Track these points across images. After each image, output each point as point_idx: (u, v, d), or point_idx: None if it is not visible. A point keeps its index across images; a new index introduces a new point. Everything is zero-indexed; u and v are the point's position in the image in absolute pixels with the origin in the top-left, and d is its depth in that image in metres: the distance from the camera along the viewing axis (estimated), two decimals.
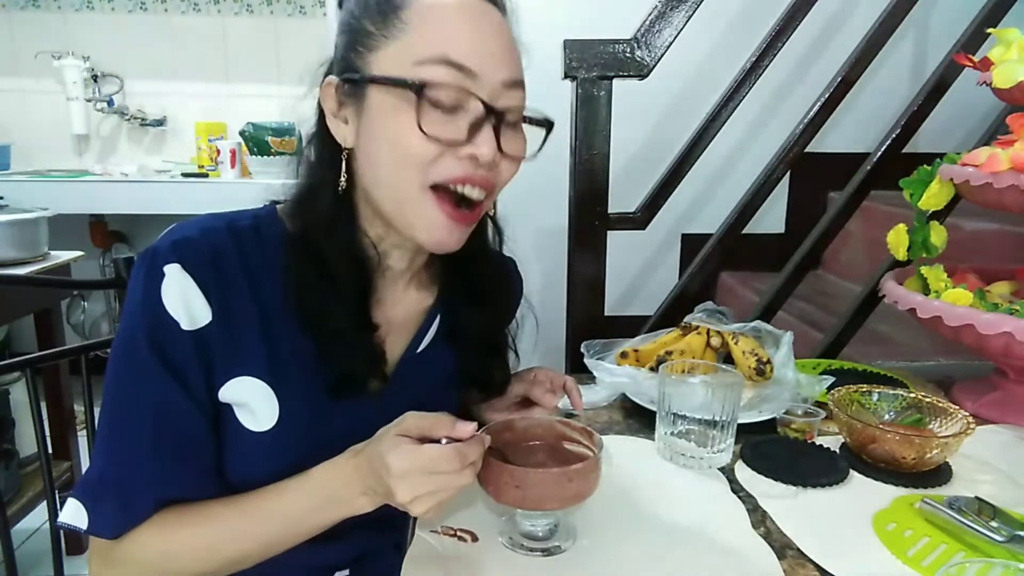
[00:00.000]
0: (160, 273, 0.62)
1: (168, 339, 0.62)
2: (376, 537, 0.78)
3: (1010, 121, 0.99)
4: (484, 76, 0.63)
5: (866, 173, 1.59)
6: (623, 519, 0.71)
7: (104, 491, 0.62)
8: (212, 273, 0.64)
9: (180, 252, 0.63)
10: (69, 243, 1.88)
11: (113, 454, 0.63)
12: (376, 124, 0.64)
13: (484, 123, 0.63)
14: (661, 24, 1.41)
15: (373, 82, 0.63)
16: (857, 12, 2.31)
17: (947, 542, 0.66)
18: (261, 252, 0.67)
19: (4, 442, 1.61)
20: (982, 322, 0.90)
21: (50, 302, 1.76)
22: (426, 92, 0.61)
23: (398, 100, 0.62)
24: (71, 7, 2.74)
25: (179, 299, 0.62)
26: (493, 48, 0.64)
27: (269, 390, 0.66)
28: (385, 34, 0.63)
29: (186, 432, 0.64)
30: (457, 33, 0.62)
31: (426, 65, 0.61)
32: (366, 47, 0.64)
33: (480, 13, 0.64)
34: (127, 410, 0.63)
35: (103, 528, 0.62)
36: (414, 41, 0.62)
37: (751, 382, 0.99)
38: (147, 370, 0.62)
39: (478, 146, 0.63)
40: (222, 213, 0.69)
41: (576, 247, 1.46)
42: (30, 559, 1.76)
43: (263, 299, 0.66)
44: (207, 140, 2.66)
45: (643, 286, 2.65)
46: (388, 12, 0.63)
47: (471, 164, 0.64)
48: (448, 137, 0.62)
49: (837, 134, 2.33)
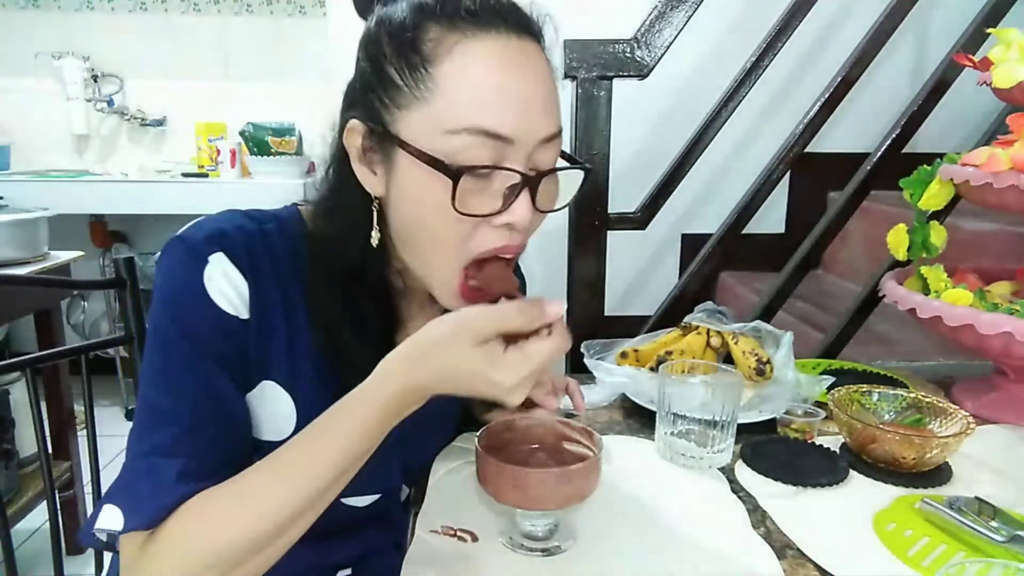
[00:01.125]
0: (203, 260, 0.60)
1: (211, 327, 0.60)
2: (377, 536, 0.78)
3: (1010, 121, 0.99)
4: (521, 140, 0.58)
5: (866, 173, 1.59)
6: (623, 519, 0.71)
7: (139, 482, 0.57)
8: (251, 269, 0.62)
9: (221, 243, 0.62)
10: (69, 243, 1.88)
11: (150, 444, 0.58)
12: (407, 191, 0.60)
13: (520, 190, 0.59)
14: (661, 24, 1.41)
15: (403, 146, 0.59)
16: (857, 12, 2.31)
17: (947, 542, 0.66)
18: (288, 257, 0.66)
19: (4, 442, 1.61)
20: (982, 322, 0.90)
21: (50, 302, 1.76)
22: (464, 172, 0.57)
23: (430, 175, 0.58)
24: (71, 7, 2.74)
25: (227, 286, 0.61)
26: (532, 104, 0.59)
27: (291, 403, 0.66)
28: (415, 94, 0.58)
29: (228, 418, 0.61)
30: (493, 97, 0.57)
31: (459, 134, 0.57)
32: (393, 102, 0.59)
33: (519, 65, 0.59)
34: (167, 399, 0.59)
35: (140, 518, 0.56)
36: (446, 107, 0.57)
37: (751, 382, 0.99)
38: (188, 358, 0.60)
39: (514, 213, 0.59)
40: (245, 212, 0.66)
41: (576, 247, 1.46)
42: (30, 559, 1.76)
43: (290, 305, 0.65)
44: (207, 140, 2.66)
45: (643, 286, 2.65)
46: (417, 66, 0.58)
47: (507, 232, 0.61)
48: (483, 211, 0.59)
49: (837, 134, 2.33)
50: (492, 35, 0.58)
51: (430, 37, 0.58)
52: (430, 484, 0.77)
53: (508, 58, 0.58)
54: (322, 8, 2.76)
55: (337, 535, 0.72)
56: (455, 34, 0.58)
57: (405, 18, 0.60)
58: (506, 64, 0.58)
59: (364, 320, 0.66)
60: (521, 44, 0.59)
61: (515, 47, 0.59)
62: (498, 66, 0.58)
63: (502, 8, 0.60)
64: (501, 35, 0.58)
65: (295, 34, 2.79)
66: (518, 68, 0.59)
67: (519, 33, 0.60)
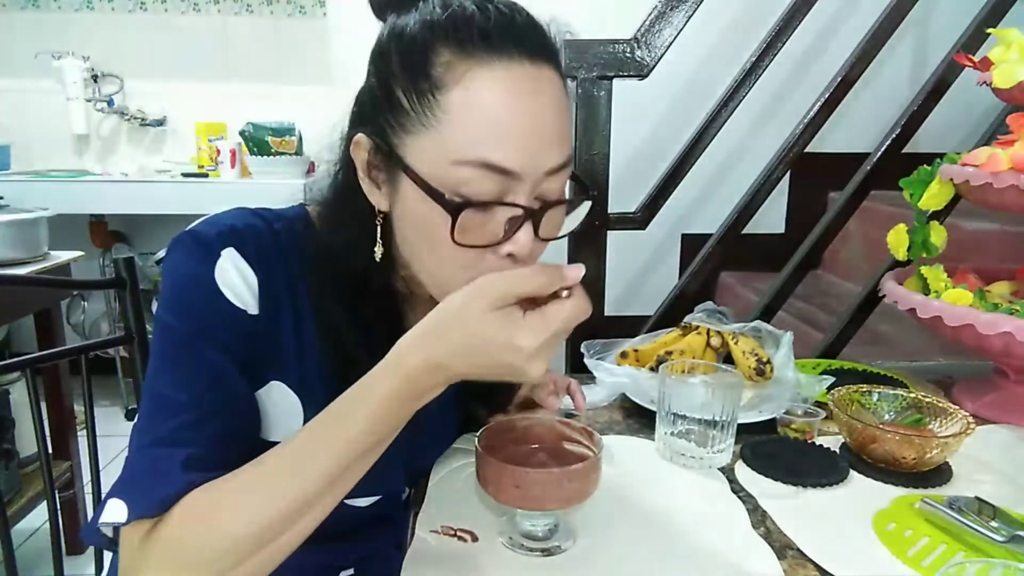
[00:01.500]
0: (215, 254, 0.60)
1: (220, 318, 0.60)
2: (378, 536, 0.78)
3: (1010, 121, 0.99)
4: (528, 174, 0.57)
5: (866, 173, 1.59)
6: (623, 519, 0.71)
7: (143, 473, 0.56)
8: (261, 266, 0.62)
9: (232, 239, 0.61)
10: (69, 243, 1.88)
11: (154, 435, 0.57)
12: (409, 214, 0.60)
13: (522, 223, 0.58)
14: (661, 24, 1.41)
15: (406, 171, 0.58)
16: (857, 12, 2.31)
17: (947, 542, 0.66)
18: (297, 257, 0.65)
19: (4, 442, 1.61)
20: (982, 322, 0.90)
21: (50, 302, 1.76)
22: (464, 208, 0.56)
23: (432, 204, 0.57)
24: (71, 7, 2.74)
25: (239, 282, 0.61)
26: (542, 137, 0.57)
27: (298, 403, 0.66)
28: (423, 121, 0.56)
29: (235, 410, 0.61)
30: (502, 131, 0.56)
31: (465, 166, 0.55)
32: (400, 126, 0.58)
33: (531, 94, 0.57)
34: (172, 392, 0.58)
35: (144, 507, 0.54)
36: (452, 137, 0.56)
37: (751, 382, 0.99)
38: (196, 351, 0.59)
39: (515, 243, 0.58)
40: (254, 210, 0.66)
41: (576, 247, 1.46)
42: (30, 559, 1.76)
43: (298, 304, 0.65)
44: (207, 140, 2.66)
45: (643, 286, 2.65)
46: (426, 92, 0.56)
47: (509, 261, 0.60)
48: (484, 242, 0.58)
49: (837, 134, 2.33)
50: (504, 62, 0.56)
51: (441, 61, 0.56)
52: (430, 484, 0.77)
53: (521, 88, 0.56)
54: (322, 8, 2.76)
55: (339, 536, 0.72)
56: (466, 61, 0.56)
57: (416, 36, 0.58)
58: (518, 94, 0.56)
59: (369, 326, 0.66)
60: (535, 70, 0.57)
61: (528, 75, 0.57)
62: (509, 97, 0.56)
63: (518, 31, 0.58)
64: (514, 62, 0.56)
65: (295, 34, 2.79)
66: (530, 98, 0.57)
67: (533, 58, 0.57)
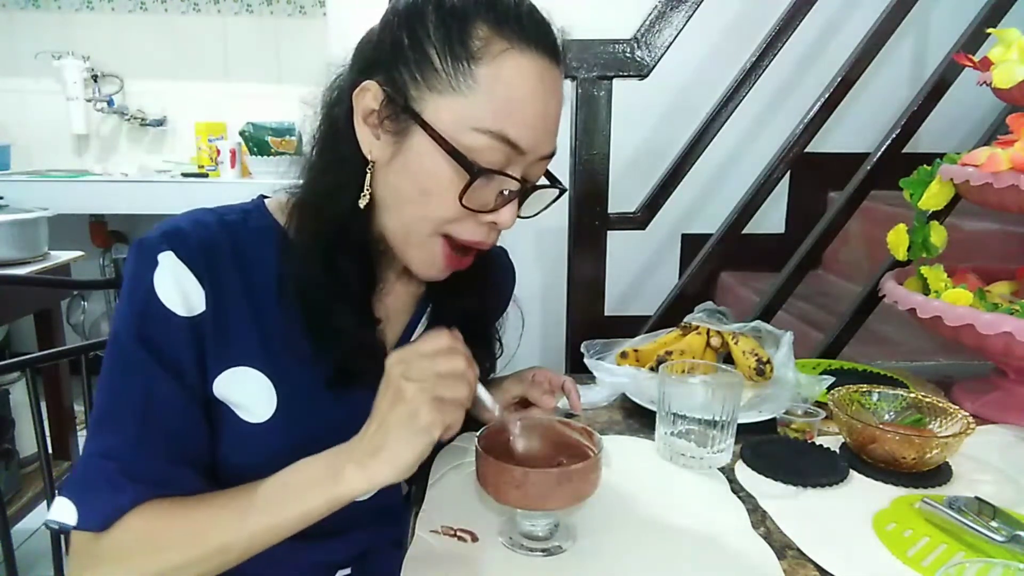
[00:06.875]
0: (153, 262, 0.62)
1: (161, 329, 0.62)
2: (377, 535, 0.78)
3: (1010, 121, 0.99)
4: (530, 153, 0.64)
5: (866, 173, 1.59)
6: (623, 519, 0.71)
7: (91, 483, 0.60)
8: (205, 263, 0.63)
9: (172, 241, 0.63)
10: (69, 243, 1.88)
11: (101, 446, 0.61)
12: (412, 167, 0.63)
13: (514, 197, 0.65)
14: (661, 24, 1.41)
15: (424, 127, 0.61)
16: (857, 12, 2.31)
17: (947, 542, 0.66)
18: (253, 245, 0.67)
19: (4, 442, 1.61)
20: (982, 322, 0.90)
21: (50, 302, 1.76)
22: (482, 172, 0.61)
23: (445, 162, 0.61)
24: (71, 7, 2.74)
25: (174, 287, 0.62)
26: (549, 125, 0.65)
27: (266, 380, 0.66)
28: (452, 84, 0.60)
29: (175, 425, 0.62)
30: (523, 111, 0.62)
31: (483, 135, 0.61)
32: (427, 83, 0.61)
33: (548, 86, 0.63)
34: (116, 402, 0.61)
35: (92, 520, 0.59)
36: (479, 105, 0.60)
37: (751, 382, 0.99)
38: (137, 361, 0.61)
39: (501, 215, 0.65)
40: (211, 208, 0.69)
41: (576, 247, 1.46)
42: (30, 559, 1.76)
43: (255, 291, 0.66)
44: (207, 140, 2.66)
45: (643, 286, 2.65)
46: (461, 58, 0.60)
47: (489, 230, 0.66)
48: (478, 206, 0.63)
49: (837, 134, 2.32)
50: (532, 52, 0.62)
51: (480, 36, 0.61)
52: (430, 484, 0.77)
53: (543, 77, 0.63)
54: (322, 8, 2.76)
55: (338, 534, 0.72)
56: (503, 41, 0.61)
57: (457, 5, 0.62)
58: (541, 81, 0.62)
59: (344, 279, 0.68)
60: (550, 66, 0.64)
61: (547, 67, 0.63)
62: (535, 83, 0.62)
63: (541, 29, 0.64)
64: (537, 54, 0.62)
65: (295, 34, 2.79)
66: (547, 89, 0.63)
67: (550, 55, 0.64)
